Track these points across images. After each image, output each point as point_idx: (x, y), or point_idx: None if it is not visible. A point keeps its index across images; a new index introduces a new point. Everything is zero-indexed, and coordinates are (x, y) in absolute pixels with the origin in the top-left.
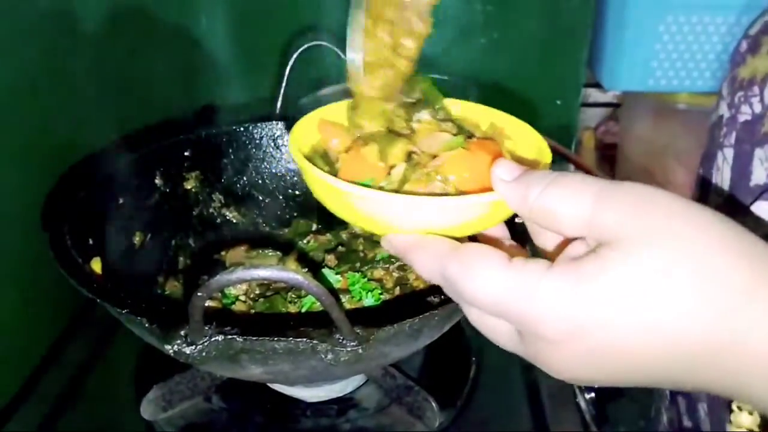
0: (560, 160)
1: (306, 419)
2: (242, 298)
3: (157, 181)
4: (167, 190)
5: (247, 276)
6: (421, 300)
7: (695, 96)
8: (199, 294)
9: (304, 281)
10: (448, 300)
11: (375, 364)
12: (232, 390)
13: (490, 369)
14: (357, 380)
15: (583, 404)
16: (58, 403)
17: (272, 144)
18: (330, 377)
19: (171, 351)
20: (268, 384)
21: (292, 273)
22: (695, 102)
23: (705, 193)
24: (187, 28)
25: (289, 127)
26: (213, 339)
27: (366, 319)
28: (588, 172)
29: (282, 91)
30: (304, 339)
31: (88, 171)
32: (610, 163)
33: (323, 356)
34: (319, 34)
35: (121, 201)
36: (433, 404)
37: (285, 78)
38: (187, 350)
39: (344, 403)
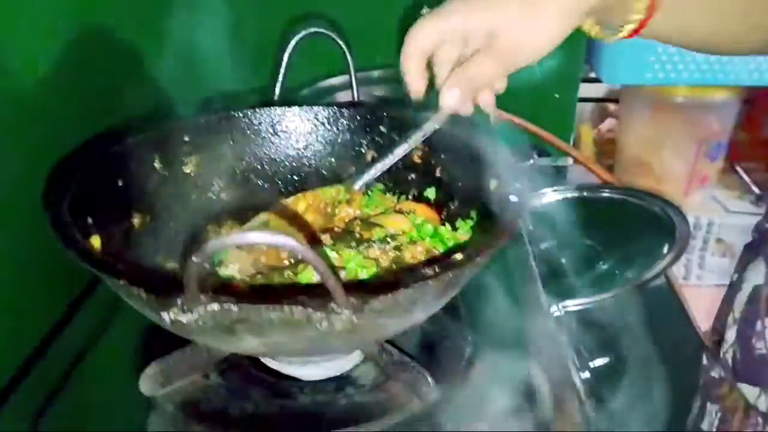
0: (560, 154)
1: (303, 396)
2: (238, 276)
3: (156, 164)
4: (166, 174)
5: (242, 240)
6: (416, 273)
7: (693, 89)
8: (194, 259)
9: (298, 246)
10: (442, 272)
11: (371, 337)
12: (230, 368)
13: (485, 346)
14: (354, 359)
15: (578, 383)
16: (60, 380)
17: (271, 130)
18: (326, 350)
19: (168, 320)
20: (266, 363)
21: (286, 237)
22: (693, 95)
23: None
24: (186, 15)
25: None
26: (209, 307)
27: (361, 290)
28: (587, 166)
29: (281, 78)
30: (299, 307)
31: (88, 154)
32: (608, 156)
33: (318, 326)
34: (317, 21)
35: (120, 183)
36: (429, 380)
37: (283, 65)
38: (184, 319)
39: (341, 381)
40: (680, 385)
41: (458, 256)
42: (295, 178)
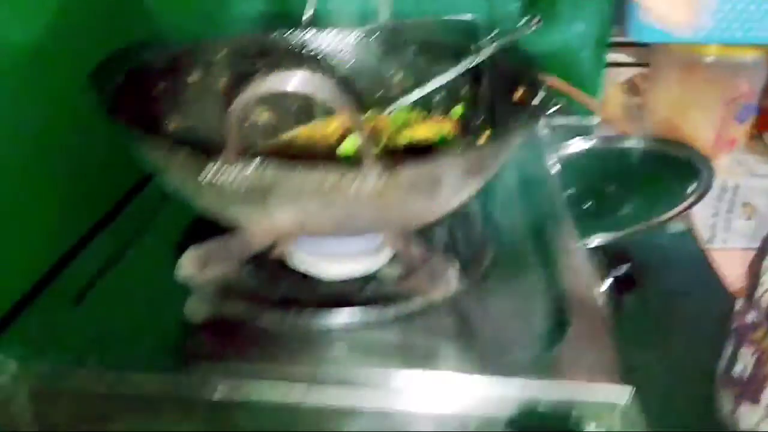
0: (586, 113)
1: (328, 288)
2: None
3: (193, 77)
4: (201, 87)
5: (277, 86)
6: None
7: (723, 48)
8: (232, 111)
9: (337, 98)
10: (466, 147)
11: (399, 215)
12: (262, 263)
13: (509, 245)
14: (380, 260)
15: (597, 291)
16: (103, 266)
17: (301, 51)
18: (356, 222)
19: (206, 178)
20: (295, 266)
21: (326, 87)
22: (722, 54)
23: None
24: None
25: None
26: (247, 166)
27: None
28: (613, 122)
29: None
30: (332, 168)
31: (135, 54)
32: (636, 121)
33: (349, 189)
34: None
35: (160, 87)
36: (452, 270)
37: None
38: (223, 175)
39: (367, 279)
40: (704, 331)
41: (482, 139)
42: None
